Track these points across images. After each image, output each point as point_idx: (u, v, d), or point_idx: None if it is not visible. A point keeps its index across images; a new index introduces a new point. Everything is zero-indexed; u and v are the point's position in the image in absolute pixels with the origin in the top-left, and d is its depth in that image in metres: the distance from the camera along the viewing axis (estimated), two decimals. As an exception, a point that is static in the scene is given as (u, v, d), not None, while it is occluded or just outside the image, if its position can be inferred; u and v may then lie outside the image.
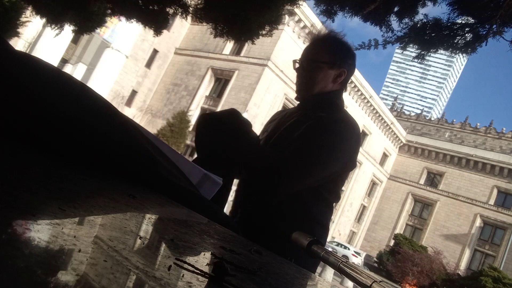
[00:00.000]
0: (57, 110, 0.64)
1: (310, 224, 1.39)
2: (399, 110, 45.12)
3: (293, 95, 2.33)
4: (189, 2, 5.79)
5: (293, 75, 1.69)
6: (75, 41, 24.52)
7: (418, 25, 4.80)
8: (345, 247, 28.04)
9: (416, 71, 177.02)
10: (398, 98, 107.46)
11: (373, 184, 39.02)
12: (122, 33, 25.74)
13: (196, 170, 0.95)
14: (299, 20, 27.14)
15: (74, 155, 0.65)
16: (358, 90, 32.79)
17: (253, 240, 0.91)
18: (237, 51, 29.05)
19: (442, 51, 5.01)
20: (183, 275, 0.39)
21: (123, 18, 6.43)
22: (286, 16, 19.74)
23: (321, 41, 1.52)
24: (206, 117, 1.44)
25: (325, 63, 1.48)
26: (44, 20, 6.73)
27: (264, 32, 5.60)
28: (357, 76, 32.22)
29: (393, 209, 38.13)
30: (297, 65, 1.53)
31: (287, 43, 26.73)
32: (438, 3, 4.62)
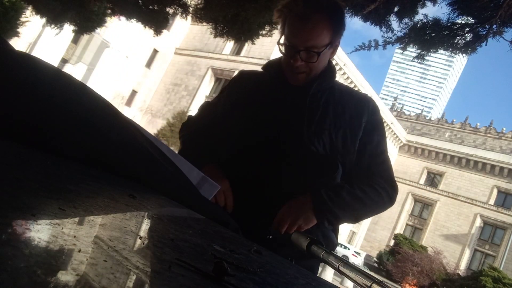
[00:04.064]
0: (57, 110, 0.64)
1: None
2: (399, 110, 45.10)
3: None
4: (189, 2, 5.79)
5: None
6: (75, 41, 24.52)
7: (418, 25, 4.79)
8: (345, 247, 28.03)
9: (416, 71, 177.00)
10: (398, 98, 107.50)
11: (373, 184, 38.99)
12: (122, 33, 25.73)
13: (194, 172, 0.95)
14: (299, 20, 27.13)
15: (74, 155, 0.65)
16: (358, 90, 32.75)
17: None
18: (237, 51, 29.06)
19: (442, 51, 5.01)
20: (183, 275, 0.39)
21: (123, 18, 6.43)
22: (286, 16, 19.67)
23: (322, 20, 1.21)
24: None
25: (326, 46, 1.23)
26: (44, 20, 6.73)
27: (264, 32, 5.61)
28: (357, 76, 32.21)
29: (393, 209, 37.99)
30: (286, 50, 1.25)
31: (287, 43, 26.76)
32: (438, 3, 4.62)
